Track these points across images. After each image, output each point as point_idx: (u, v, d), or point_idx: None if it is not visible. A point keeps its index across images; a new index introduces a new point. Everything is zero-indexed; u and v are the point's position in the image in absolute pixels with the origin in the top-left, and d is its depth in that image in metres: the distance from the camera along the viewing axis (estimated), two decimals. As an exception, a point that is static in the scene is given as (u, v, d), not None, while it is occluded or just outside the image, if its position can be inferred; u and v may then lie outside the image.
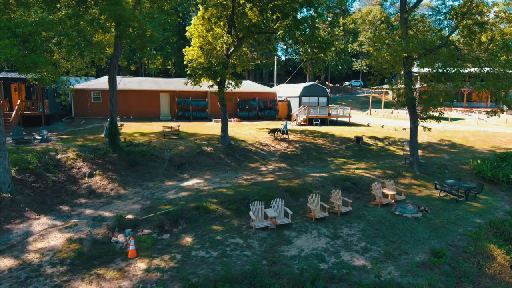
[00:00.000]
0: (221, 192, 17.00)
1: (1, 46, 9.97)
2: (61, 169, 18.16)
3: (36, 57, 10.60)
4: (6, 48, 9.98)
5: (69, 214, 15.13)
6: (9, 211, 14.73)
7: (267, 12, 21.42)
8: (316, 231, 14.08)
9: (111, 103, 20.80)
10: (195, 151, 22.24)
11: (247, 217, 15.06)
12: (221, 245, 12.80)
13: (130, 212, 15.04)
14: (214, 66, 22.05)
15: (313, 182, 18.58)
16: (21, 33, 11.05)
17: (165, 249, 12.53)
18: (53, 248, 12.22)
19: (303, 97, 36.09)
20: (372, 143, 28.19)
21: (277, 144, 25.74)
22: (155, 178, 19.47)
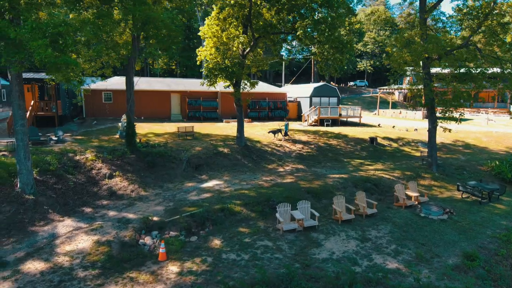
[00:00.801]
0: (243, 193, 16.85)
1: (35, 47, 9.83)
2: (81, 170, 18.02)
3: (68, 57, 10.46)
4: (40, 48, 9.83)
5: (92, 216, 14.99)
6: (33, 213, 14.59)
7: (285, 12, 21.25)
8: (344, 234, 13.94)
9: (128, 104, 20.67)
10: (212, 152, 22.10)
11: (272, 219, 14.93)
12: (251, 247, 12.66)
13: (154, 214, 14.90)
14: (231, 67, 21.92)
15: (334, 183, 18.45)
16: (51, 34, 10.90)
17: (195, 251, 12.39)
18: (82, 251, 12.08)
19: (313, 98, 35.94)
20: (386, 144, 28.06)
21: (292, 145, 25.60)
22: (174, 179, 19.32)
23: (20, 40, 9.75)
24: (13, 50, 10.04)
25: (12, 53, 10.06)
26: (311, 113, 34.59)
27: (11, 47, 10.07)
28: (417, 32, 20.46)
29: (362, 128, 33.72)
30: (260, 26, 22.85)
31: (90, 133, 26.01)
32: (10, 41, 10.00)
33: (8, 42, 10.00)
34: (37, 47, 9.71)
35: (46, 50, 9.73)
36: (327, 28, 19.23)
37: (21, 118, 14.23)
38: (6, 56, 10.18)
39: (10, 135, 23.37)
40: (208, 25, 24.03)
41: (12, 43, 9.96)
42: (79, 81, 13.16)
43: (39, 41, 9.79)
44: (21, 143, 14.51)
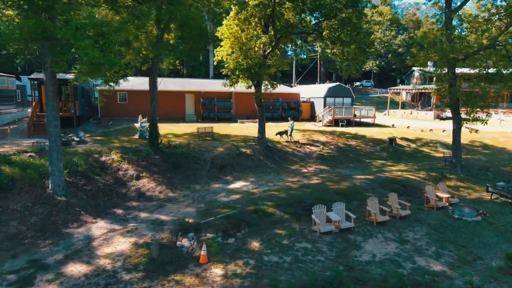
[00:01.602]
0: (273, 195, 16.74)
1: (82, 47, 9.70)
2: (107, 171, 17.89)
3: (113, 58, 10.34)
4: (88, 49, 9.71)
5: (124, 218, 14.86)
6: (66, 215, 14.47)
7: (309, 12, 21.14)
8: (381, 235, 13.82)
9: (152, 105, 20.55)
10: (235, 152, 21.98)
11: (306, 221, 14.80)
12: (291, 250, 12.54)
13: (187, 215, 14.78)
14: (253, 67, 21.79)
15: (361, 184, 18.33)
16: (93, 34, 10.78)
17: (235, 254, 12.26)
18: (122, 253, 11.94)
19: (327, 98, 35.82)
20: (405, 144, 27.94)
21: (312, 145, 25.48)
22: (199, 180, 19.20)
23: (68, 40, 9.61)
24: (59, 51, 9.90)
25: (58, 53, 9.93)
26: (325, 114, 34.47)
27: (57, 47, 9.93)
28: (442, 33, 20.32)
29: (377, 128, 33.61)
30: (281, 26, 22.74)
31: (108, 133, 25.88)
32: (56, 41, 9.87)
33: (54, 43, 9.86)
34: (84, 48, 9.58)
35: (94, 50, 9.60)
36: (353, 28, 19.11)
37: (55, 119, 14.10)
38: (52, 57, 10.04)
39: (30, 136, 23.28)
40: (227, 25, 23.91)
41: (58, 43, 9.83)
42: (115, 81, 13.04)
43: (86, 41, 9.66)
44: (54, 144, 14.39)
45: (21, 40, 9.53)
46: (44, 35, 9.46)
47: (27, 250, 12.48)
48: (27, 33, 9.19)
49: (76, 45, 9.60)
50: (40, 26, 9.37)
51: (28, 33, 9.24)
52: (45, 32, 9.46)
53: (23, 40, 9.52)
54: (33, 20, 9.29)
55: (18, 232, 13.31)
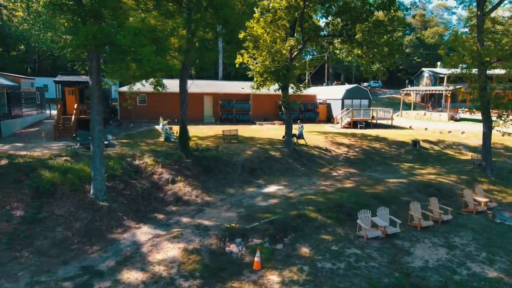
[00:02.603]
0: (311, 199, 16.66)
1: (145, 53, 9.62)
2: (142, 175, 17.82)
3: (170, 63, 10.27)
4: (150, 55, 9.63)
5: (167, 223, 14.79)
6: (109, 220, 14.40)
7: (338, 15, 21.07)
8: (428, 241, 13.74)
9: (182, 108, 20.46)
10: (264, 156, 21.90)
11: (348, 226, 14.72)
12: (341, 256, 12.47)
13: (229, 220, 14.71)
14: (281, 70, 21.71)
15: (397, 188, 18.25)
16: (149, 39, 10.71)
17: (287, 260, 12.19)
18: (174, 259, 11.87)
19: (345, 100, 35.76)
20: (428, 146, 27.86)
21: (337, 148, 25.41)
22: (232, 183, 19.12)
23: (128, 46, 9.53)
24: (118, 57, 9.83)
25: (118, 60, 9.86)
26: (344, 116, 34.39)
27: (116, 53, 9.86)
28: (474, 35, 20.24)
29: (395, 130, 33.53)
30: (309, 28, 22.68)
31: (132, 136, 25.78)
32: (115, 47, 9.80)
33: (113, 49, 9.79)
34: (146, 54, 9.50)
35: (157, 57, 9.53)
36: (386, 31, 19.04)
37: (99, 124, 14.03)
38: (113, 63, 9.98)
39: (57, 139, 23.17)
40: (250, 28, 23.83)
41: (118, 49, 9.76)
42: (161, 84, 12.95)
43: (148, 47, 9.59)
44: (98, 149, 14.33)
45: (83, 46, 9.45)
46: (104, 40, 9.39)
47: (77, 257, 12.42)
48: (91, 38, 9.12)
49: (138, 51, 9.52)
50: (102, 31, 9.29)
51: (93, 39, 9.16)
52: (105, 38, 9.38)
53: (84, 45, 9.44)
54: (96, 26, 9.21)
55: (65, 237, 13.25)
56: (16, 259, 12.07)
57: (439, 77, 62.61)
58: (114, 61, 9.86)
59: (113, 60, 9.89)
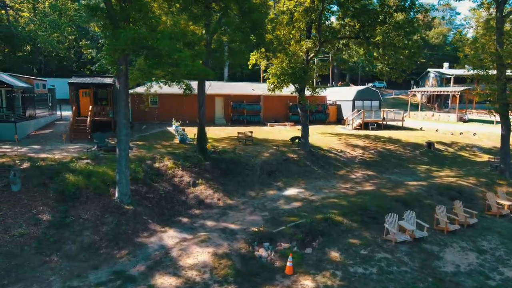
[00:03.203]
0: (334, 202, 16.60)
1: (183, 58, 9.56)
2: (163, 178, 17.76)
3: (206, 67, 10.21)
4: (188, 59, 9.58)
5: (192, 226, 14.74)
6: (135, 224, 14.34)
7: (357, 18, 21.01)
8: (456, 245, 13.70)
9: (201, 110, 20.41)
10: (281, 158, 21.84)
11: (374, 229, 14.66)
12: (372, 260, 12.41)
13: (254, 224, 14.67)
14: (298, 72, 21.65)
15: (418, 191, 18.20)
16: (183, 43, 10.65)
17: (319, 265, 12.14)
18: (205, 264, 11.81)
19: (356, 101, 35.71)
20: (442, 148, 27.80)
21: (352, 150, 25.36)
22: (252, 186, 19.06)
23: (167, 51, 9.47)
24: (154, 62, 9.76)
25: (154, 64, 9.80)
26: (355, 117, 34.34)
27: (153, 58, 9.79)
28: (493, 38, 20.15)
29: (406, 132, 33.46)
30: (325, 30, 22.63)
31: (146, 138, 25.71)
32: (152, 52, 9.74)
33: (149, 54, 9.72)
34: (184, 59, 9.44)
35: (194, 61, 9.48)
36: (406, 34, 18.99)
37: (125, 127, 13.97)
38: (149, 68, 9.92)
39: (73, 141, 23.11)
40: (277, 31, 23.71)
41: (154, 54, 9.69)
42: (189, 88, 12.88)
43: (186, 52, 9.53)
44: (123, 153, 14.27)
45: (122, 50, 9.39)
46: (143, 45, 9.34)
47: (106, 261, 12.37)
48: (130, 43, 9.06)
49: (175, 55, 9.46)
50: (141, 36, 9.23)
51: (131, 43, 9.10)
52: (144, 42, 9.33)
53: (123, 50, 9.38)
54: (135, 31, 9.15)
55: (92, 242, 13.20)
56: (46, 264, 12.04)
57: (446, 78, 62.58)
58: (150, 65, 9.79)
59: (149, 64, 9.82)
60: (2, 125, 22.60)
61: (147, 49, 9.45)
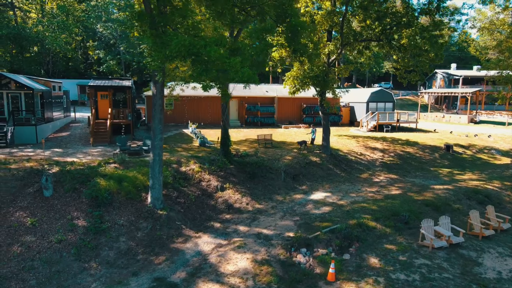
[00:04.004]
0: (364, 207, 16.54)
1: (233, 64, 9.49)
2: (190, 182, 17.71)
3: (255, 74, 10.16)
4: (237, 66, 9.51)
5: (225, 231, 14.67)
6: (168, 229, 14.30)
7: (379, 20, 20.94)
8: (493, 251, 13.61)
9: (224, 113, 20.35)
10: (304, 161, 21.77)
11: (407, 234, 14.58)
12: (412, 266, 12.33)
13: (287, 229, 14.60)
14: (320, 75, 21.59)
15: (445, 195, 18.12)
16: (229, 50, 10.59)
17: (359, 271, 12.05)
18: (246, 271, 11.75)
19: (370, 103, 35.63)
20: (461, 151, 27.73)
21: (372, 152, 25.29)
22: (278, 190, 19.00)
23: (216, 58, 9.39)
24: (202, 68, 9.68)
25: (202, 71, 9.72)
26: (370, 119, 34.26)
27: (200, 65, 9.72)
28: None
29: (421, 134, 33.37)
30: (347, 33, 22.56)
31: (165, 140, 25.53)
32: (199, 58, 9.67)
33: (197, 60, 9.65)
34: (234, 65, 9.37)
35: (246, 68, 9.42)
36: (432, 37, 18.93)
37: (160, 133, 13.92)
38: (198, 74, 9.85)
39: (93, 144, 23.04)
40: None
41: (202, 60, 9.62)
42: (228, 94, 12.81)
43: (236, 58, 9.46)
44: (157, 158, 14.22)
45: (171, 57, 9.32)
46: (192, 52, 9.27)
47: (145, 267, 12.33)
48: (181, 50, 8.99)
49: (226, 62, 9.39)
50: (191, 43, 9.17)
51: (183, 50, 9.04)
52: (193, 49, 9.26)
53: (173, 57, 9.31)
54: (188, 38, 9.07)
55: (129, 248, 13.17)
56: (86, 271, 12.00)
57: (454, 79, 62.49)
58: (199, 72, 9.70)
59: (197, 71, 9.74)
60: (23, 128, 22.55)
61: (195, 56, 9.38)
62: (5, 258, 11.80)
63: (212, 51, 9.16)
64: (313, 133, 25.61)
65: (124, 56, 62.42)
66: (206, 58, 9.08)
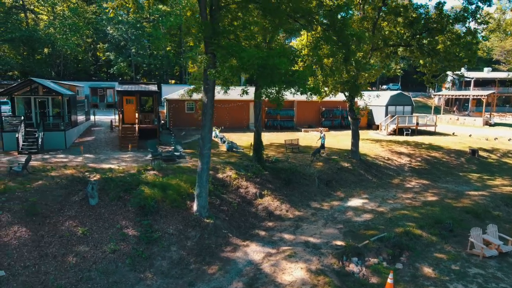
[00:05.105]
0: (405, 214, 16.53)
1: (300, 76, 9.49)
2: (228, 189, 17.69)
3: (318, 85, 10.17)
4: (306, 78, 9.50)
5: (271, 240, 14.65)
6: (216, 238, 14.27)
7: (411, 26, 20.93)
8: (544, 259, 13.59)
9: (258, 118, 20.34)
10: (335, 167, 21.77)
11: (454, 242, 14.58)
12: (467, 276, 12.32)
13: (333, 237, 14.59)
14: (351, 80, 21.56)
15: (483, 202, 18.12)
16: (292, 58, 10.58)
17: (416, 281, 12.03)
18: (304, 281, 11.71)
19: (389, 106, 35.63)
20: (486, 155, 27.72)
21: (398, 157, 25.28)
22: (314, 197, 18.98)
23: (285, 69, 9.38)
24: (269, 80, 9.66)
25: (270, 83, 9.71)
26: (389, 122, 34.25)
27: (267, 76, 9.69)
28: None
29: (441, 137, 33.35)
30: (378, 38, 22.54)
31: (190, 145, 25.59)
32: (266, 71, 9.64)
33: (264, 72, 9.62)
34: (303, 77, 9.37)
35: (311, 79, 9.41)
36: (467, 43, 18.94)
37: (209, 142, 13.91)
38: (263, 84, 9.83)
39: (122, 149, 23.00)
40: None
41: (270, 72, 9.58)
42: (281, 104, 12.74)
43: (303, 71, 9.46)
44: (205, 166, 14.20)
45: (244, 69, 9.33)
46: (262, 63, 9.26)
47: (199, 277, 12.30)
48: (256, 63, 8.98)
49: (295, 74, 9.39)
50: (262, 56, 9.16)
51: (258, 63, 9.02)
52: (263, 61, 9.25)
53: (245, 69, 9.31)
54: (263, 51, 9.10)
55: (181, 257, 13.15)
56: (142, 281, 11.97)
57: (465, 81, 62.50)
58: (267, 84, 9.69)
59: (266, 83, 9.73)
60: (52, 133, 22.52)
61: (264, 68, 9.36)
62: (62, 269, 11.78)
63: (282, 63, 9.15)
64: (322, 139, 24.66)
65: (135, 58, 62.39)
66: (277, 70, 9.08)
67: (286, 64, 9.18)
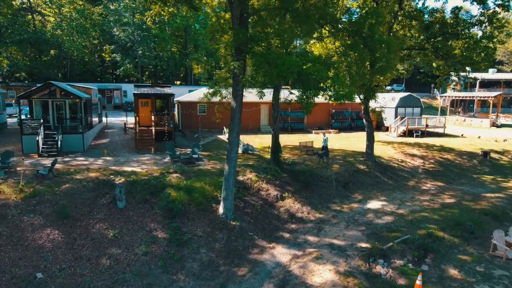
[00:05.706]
0: (425, 216, 16.76)
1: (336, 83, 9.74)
2: (250, 191, 17.92)
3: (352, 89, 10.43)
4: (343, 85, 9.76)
5: (296, 242, 14.88)
6: (243, 240, 14.52)
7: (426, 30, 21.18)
8: None
9: (276, 121, 20.58)
10: (351, 169, 22.00)
11: (476, 244, 14.80)
12: (493, 278, 12.54)
13: (357, 239, 14.82)
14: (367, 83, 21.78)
15: (500, 204, 18.36)
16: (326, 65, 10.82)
17: (443, 282, 12.26)
18: (334, 283, 11.94)
19: (399, 108, 35.87)
20: (497, 157, 27.95)
21: (412, 159, 25.51)
22: (332, 199, 19.22)
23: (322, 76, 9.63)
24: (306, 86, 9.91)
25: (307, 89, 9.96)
26: (399, 124, 34.49)
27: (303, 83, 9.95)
28: None
29: (450, 139, 33.58)
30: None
31: (205, 147, 25.80)
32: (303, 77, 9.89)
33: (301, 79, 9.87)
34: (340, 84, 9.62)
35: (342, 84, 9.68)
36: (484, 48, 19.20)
37: (237, 146, 14.17)
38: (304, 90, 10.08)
39: (139, 152, 23.21)
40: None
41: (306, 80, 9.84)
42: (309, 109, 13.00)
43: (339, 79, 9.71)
44: (232, 170, 14.44)
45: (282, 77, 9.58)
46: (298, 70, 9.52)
47: (230, 279, 12.54)
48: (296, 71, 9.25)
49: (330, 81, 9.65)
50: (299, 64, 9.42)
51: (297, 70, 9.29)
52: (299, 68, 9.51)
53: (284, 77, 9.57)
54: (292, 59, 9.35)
55: (210, 259, 13.38)
56: (175, 283, 12.20)
57: (470, 82, 62.73)
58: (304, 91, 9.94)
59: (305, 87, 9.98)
60: (70, 136, 22.75)
61: (300, 75, 9.62)
62: (97, 271, 12.02)
63: (320, 71, 9.40)
64: (325, 141, 24.75)
65: (142, 59, 62.64)
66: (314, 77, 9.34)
67: (322, 71, 9.44)
